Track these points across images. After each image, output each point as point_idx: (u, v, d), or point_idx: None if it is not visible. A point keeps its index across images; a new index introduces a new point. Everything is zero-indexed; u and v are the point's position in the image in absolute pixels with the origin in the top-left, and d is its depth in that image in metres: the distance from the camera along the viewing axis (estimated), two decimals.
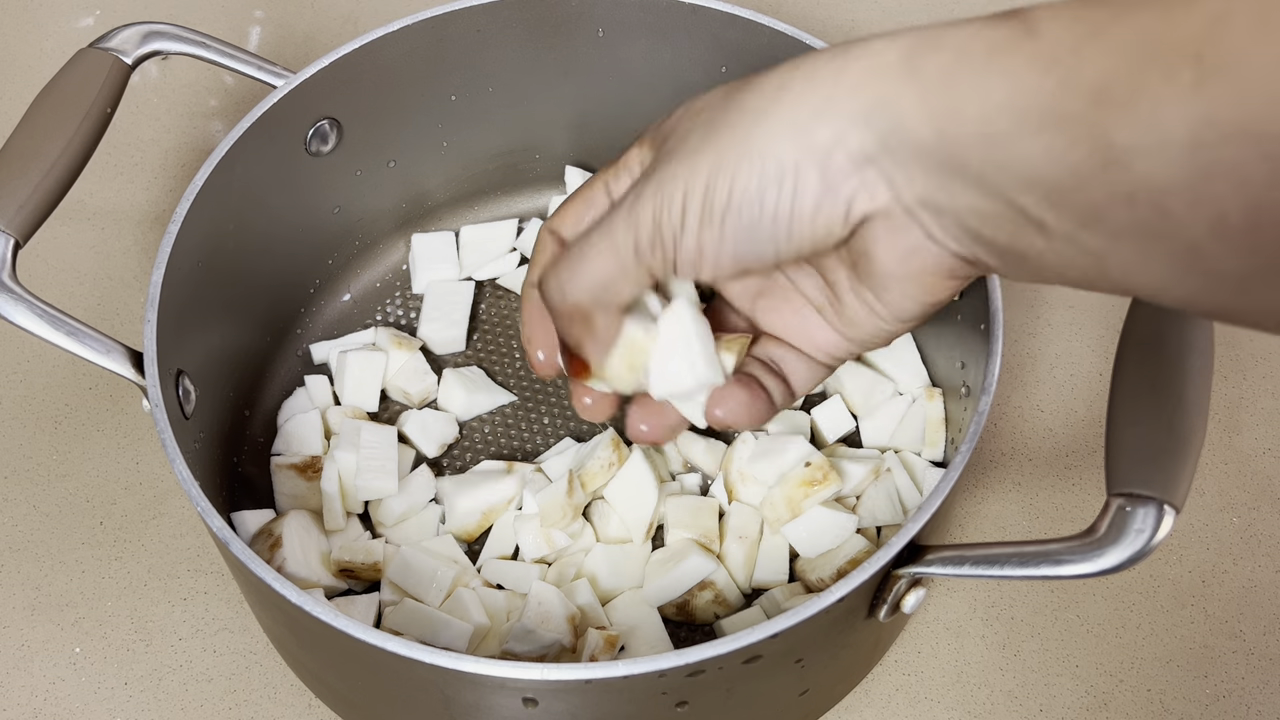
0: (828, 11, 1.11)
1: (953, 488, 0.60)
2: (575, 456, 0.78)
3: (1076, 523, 0.80)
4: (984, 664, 0.76)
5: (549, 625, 0.69)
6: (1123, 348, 0.61)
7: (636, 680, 0.55)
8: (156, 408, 0.63)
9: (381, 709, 0.67)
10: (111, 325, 0.90)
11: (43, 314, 0.64)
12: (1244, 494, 0.82)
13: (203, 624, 0.77)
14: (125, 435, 0.85)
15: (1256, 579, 0.79)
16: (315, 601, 0.56)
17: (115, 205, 0.97)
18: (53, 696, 0.74)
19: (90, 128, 0.71)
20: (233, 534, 0.59)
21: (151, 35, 0.76)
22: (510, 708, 0.58)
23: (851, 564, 0.71)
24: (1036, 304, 0.92)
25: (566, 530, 0.74)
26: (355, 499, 0.77)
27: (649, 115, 0.88)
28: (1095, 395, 0.87)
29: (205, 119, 1.03)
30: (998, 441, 0.85)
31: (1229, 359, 0.89)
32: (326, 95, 0.78)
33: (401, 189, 0.89)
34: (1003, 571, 0.56)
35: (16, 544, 0.80)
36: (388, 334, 0.84)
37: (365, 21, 1.10)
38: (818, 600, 0.56)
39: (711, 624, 0.74)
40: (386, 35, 0.78)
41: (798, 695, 0.67)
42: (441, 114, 0.85)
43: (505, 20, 0.81)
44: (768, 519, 0.74)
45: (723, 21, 0.79)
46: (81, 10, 1.12)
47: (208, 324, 0.74)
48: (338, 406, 0.82)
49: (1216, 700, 0.74)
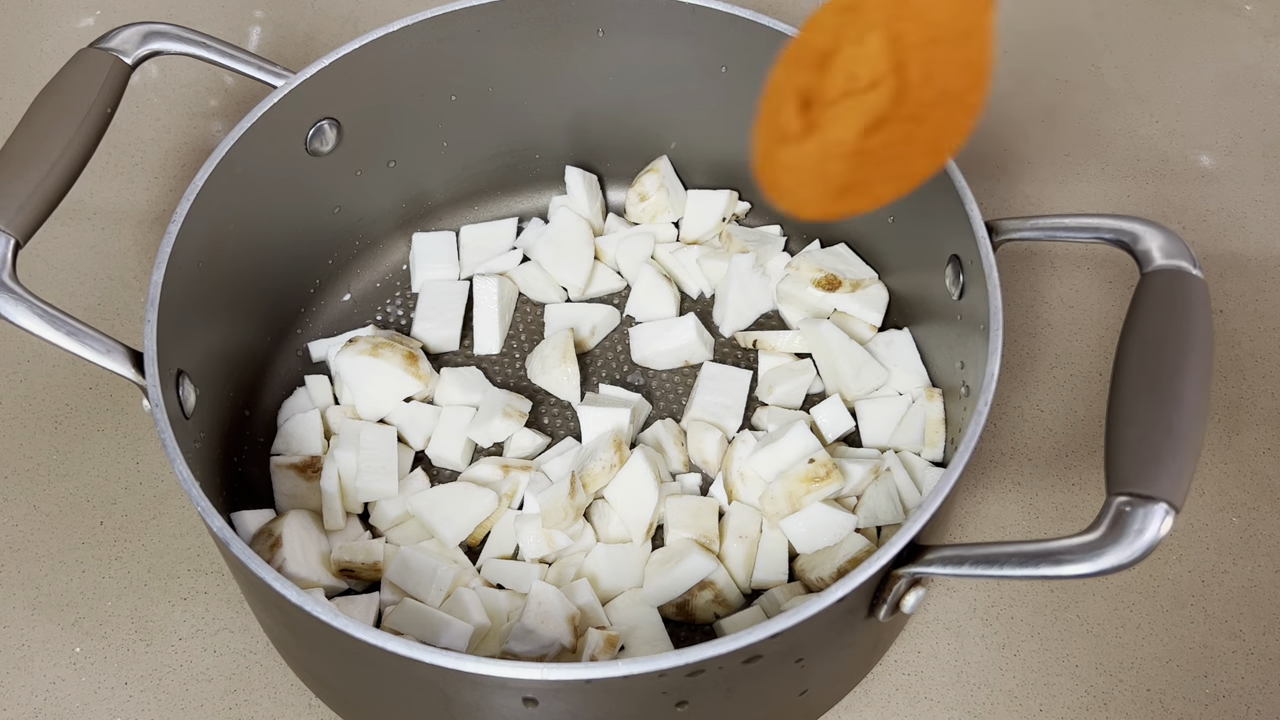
0: None
1: (952, 487, 0.60)
2: (576, 457, 0.78)
3: (1076, 523, 0.80)
4: (984, 664, 0.76)
5: (549, 625, 0.69)
6: (1123, 348, 0.61)
7: (636, 680, 0.55)
8: (156, 408, 0.63)
9: (381, 709, 0.67)
10: (111, 325, 0.90)
11: (43, 314, 0.64)
12: (1244, 494, 0.82)
13: (203, 624, 0.77)
14: (125, 435, 0.85)
15: (1256, 579, 0.79)
16: (315, 601, 0.56)
17: (115, 205, 0.97)
18: (53, 696, 0.74)
19: (90, 128, 0.71)
20: (233, 534, 0.59)
21: (151, 35, 0.76)
22: (510, 708, 0.58)
23: (851, 563, 0.71)
24: (1036, 304, 0.92)
25: (567, 531, 0.74)
26: (355, 499, 0.77)
27: (649, 115, 0.89)
28: (1095, 395, 0.87)
29: (205, 119, 1.03)
30: (998, 441, 0.85)
31: (1229, 359, 0.89)
32: (326, 95, 0.78)
33: (401, 189, 0.89)
34: (1003, 571, 0.56)
35: (16, 544, 0.80)
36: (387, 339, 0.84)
37: (365, 21, 1.10)
38: (818, 600, 0.56)
39: (711, 624, 0.74)
40: (386, 35, 0.78)
41: (798, 695, 0.67)
42: (441, 114, 0.85)
43: (505, 20, 0.81)
44: (766, 513, 0.74)
45: (723, 21, 0.79)
46: (81, 10, 1.12)
47: (208, 324, 0.74)
48: (337, 406, 0.82)
49: (1216, 700, 0.74)
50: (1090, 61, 1.08)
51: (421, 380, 0.80)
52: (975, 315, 0.70)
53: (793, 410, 0.82)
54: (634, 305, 0.88)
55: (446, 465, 0.81)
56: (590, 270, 0.88)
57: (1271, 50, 1.09)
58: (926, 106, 0.55)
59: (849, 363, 0.80)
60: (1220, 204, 0.98)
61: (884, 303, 0.84)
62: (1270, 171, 1.00)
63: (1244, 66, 1.07)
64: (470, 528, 0.75)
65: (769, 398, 0.82)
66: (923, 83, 0.54)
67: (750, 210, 0.92)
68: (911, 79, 0.54)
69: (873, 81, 0.54)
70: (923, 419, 0.78)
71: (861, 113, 0.54)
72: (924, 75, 0.54)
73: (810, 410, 0.81)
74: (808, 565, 0.74)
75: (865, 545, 0.72)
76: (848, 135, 0.54)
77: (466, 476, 0.79)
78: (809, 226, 0.89)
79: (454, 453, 0.80)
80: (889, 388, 0.82)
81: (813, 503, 0.73)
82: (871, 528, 0.75)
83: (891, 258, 0.84)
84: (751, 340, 0.86)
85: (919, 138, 0.55)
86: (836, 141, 0.55)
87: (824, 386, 0.83)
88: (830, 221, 0.79)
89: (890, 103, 0.54)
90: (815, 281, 0.83)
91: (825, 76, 0.54)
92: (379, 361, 0.79)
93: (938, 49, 0.54)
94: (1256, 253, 0.95)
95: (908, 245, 0.81)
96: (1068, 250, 0.95)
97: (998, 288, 0.67)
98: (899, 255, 0.83)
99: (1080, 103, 1.05)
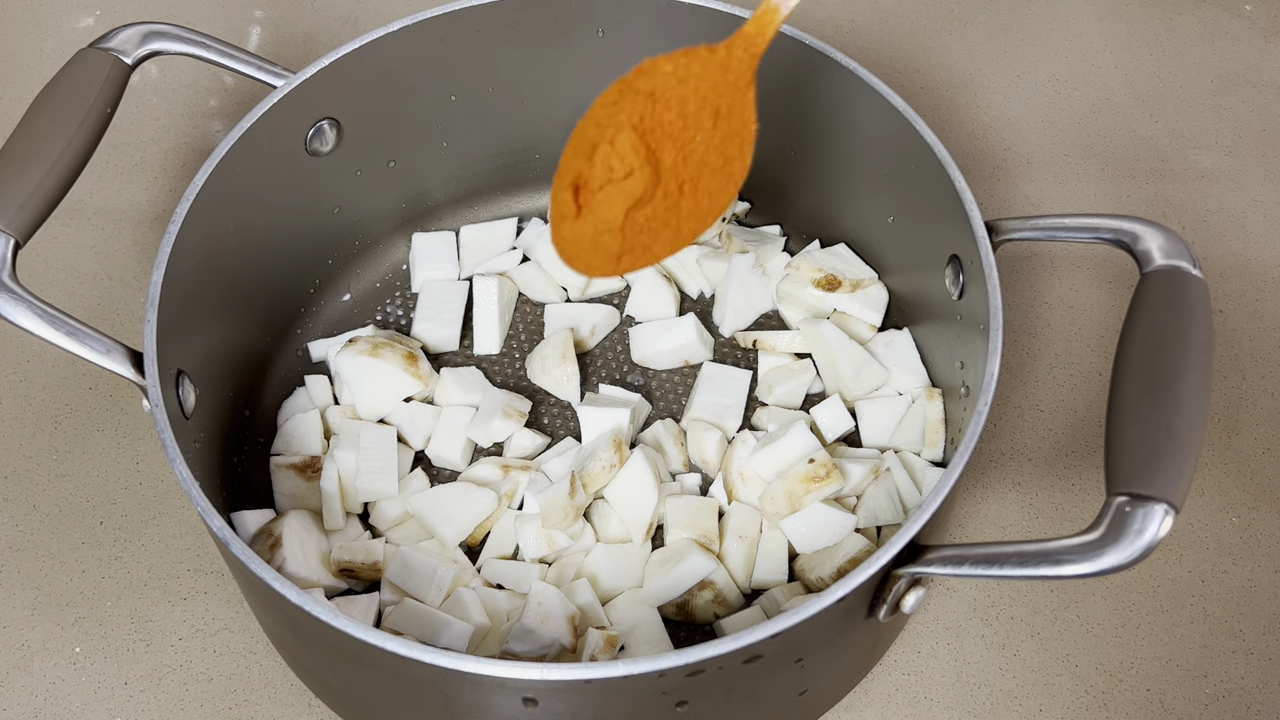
0: (828, 11, 1.11)
1: (952, 487, 0.60)
2: (576, 457, 0.78)
3: (1076, 523, 0.80)
4: (984, 664, 0.76)
5: (549, 625, 0.69)
6: (1123, 348, 0.61)
7: (636, 680, 0.55)
8: (156, 408, 0.63)
9: (381, 709, 0.67)
10: (111, 325, 0.90)
11: (43, 314, 0.64)
12: (1244, 494, 0.82)
13: (203, 624, 0.77)
14: (125, 435, 0.85)
15: (1256, 579, 0.79)
16: (315, 601, 0.56)
17: (115, 205, 0.97)
18: (53, 696, 0.74)
19: (90, 128, 0.71)
20: (233, 534, 0.59)
21: (151, 35, 0.76)
22: (510, 708, 0.58)
23: (851, 563, 0.71)
24: (1036, 304, 0.92)
25: (567, 531, 0.74)
26: (355, 499, 0.77)
27: None
28: (1095, 395, 0.87)
29: (205, 119, 1.03)
30: (998, 441, 0.85)
31: (1229, 359, 0.89)
32: (326, 95, 0.78)
33: (401, 189, 0.89)
34: (1003, 571, 0.56)
35: (16, 544, 0.80)
36: (387, 339, 0.84)
37: (365, 21, 1.10)
38: (818, 600, 0.56)
39: (711, 624, 0.74)
40: (386, 35, 0.78)
41: (798, 695, 0.67)
42: (441, 114, 0.85)
43: (505, 20, 0.81)
44: (766, 512, 0.74)
45: (723, 21, 0.79)
46: (81, 10, 1.12)
47: (208, 324, 0.74)
48: (337, 406, 0.82)
49: (1216, 700, 0.74)
50: (1090, 61, 1.08)
51: (421, 380, 0.80)
52: (975, 315, 0.70)
53: (793, 410, 0.82)
54: (634, 305, 0.88)
55: (446, 465, 0.81)
56: None
57: (1271, 50, 1.09)
58: (688, 181, 0.62)
59: (849, 363, 0.80)
60: (1220, 204, 0.98)
61: (884, 303, 0.84)
62: (1270, 171, 1.00)
63: (1244, 66, 1.07)
64: (470, 528, 0.75)
65: (769, 398, 0.82)
66: (680, 164, 0.62)
67: (750, 210, 0.92)
68: (666, 163, 0.62)
69: (628, 172, 0.61)
70: (923, 419, 0.78)
71: (622, 197, 0.62)
72: (680, 158, 0.62)
73: (810, 410, 0.81)
74: (808, 565, 0.74)
75: (865, 545, 0.72)
76: (614, 215, 0.62)
77: (466, 476, 0.79)
78: (809, 226, 0.89)
79: (454, 453, 0.80)
80: (889, 388, 0.82)
81: (813, 503, 0.73)
82: (871, 528, 0.75)
83: (891, 258, 0.84)
84: (751, 340, 0.86)
85: (684, 207, 0.63)
86: (605, 220, 0.62)
87: (824, 386, 0.84)
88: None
89: (647, 188, 0.62)
90: (815, 281, 0.83)
91: (592, 166, 0.62)
92: (379, 361, 0.79)
93: (693, 133, 0.62)
94: (1256, 253, 0.95)
95: (908, 245, 0.81)
96: (1068, 250, 0.95)
97: (998, 288, 0.67)
98: (899, 255, 0.83)
99: (1080, 103, 1.05)
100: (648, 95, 0.61)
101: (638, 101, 0.61)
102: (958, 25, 1.11)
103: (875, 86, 0.75)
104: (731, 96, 0.62)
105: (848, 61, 0.77)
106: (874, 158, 0.79)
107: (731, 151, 0.62)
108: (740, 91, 0.62)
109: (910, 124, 0.74)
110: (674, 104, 0.61)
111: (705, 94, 0.61)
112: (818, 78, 0.78)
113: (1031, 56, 1.08)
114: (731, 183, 0.63)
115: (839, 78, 0.77)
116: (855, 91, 0.77)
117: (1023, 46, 1.09)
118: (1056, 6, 1.12)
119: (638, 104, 0.61)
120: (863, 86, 0.76)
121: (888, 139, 0.76)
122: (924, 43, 1.09)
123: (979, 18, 1.12)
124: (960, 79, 1.06)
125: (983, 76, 1.07)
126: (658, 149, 0.62)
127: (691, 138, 0.62)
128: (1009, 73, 1.07)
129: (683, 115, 0.62)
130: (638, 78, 0.61)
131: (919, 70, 1.07)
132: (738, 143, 0.62)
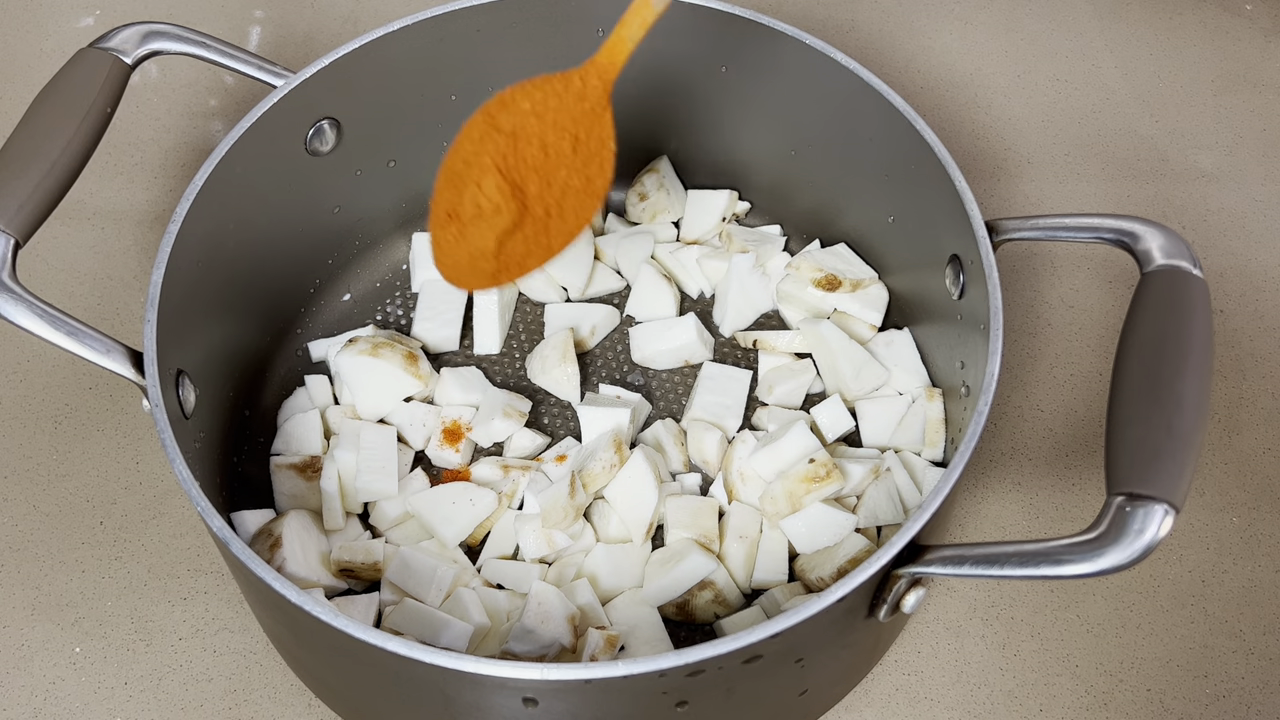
0: (828, 11, 1.11)
1: (952, 487, 0.60)
2: (576, 457, 0.78)
3: (1076, 523, 0.80)
4: (984, 664, 0.76)
5: (549, 625, 0.69)
6: (1123, 348, 0.61)
7: (636, 680, 0.55)
8: (156, 408, 0.63)
9: (381, 709, 0.67)
10: (111, 325, 0.90)
11: (43, 314, 0.64)
12: (1244, 494, 0.82)
13: (203, 624, 0.77)
14: (125, 435, 0.85)
15: (1256, 579, 0.79)
16: (315, 601, 0.56)
17: (115, 205, 0.97)
18: (53, 696, 0.74)
19: (90, 128, 0.71)
20: (233, 534, 0.59)
21: (151, 35, 0.76)
22: (510, 708, 0.58)
23: (852, 563, 0.71)
24: (1036, 304, 0.92)
25: (567, 531, 0.74)
26: (355, 499, 0.77)
27: (649, 115, 0.89)
28: (1095, 395, 0.87)
29: (205, 119, 1.03)
30: (998, 441, 0.85)
31: (1229, 359, 0.89)
32: (326, 95, 0.78)
33: (401, 189, 0.89)
34: (1003, 571, 0.56)
35: (16, 544, 0.80)
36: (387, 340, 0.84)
37: (365, 21, 1.10)
38: (818, 600, 0.56)
39: (711, 624, 0.74)
40: (386, 35, 0.78)
41: (798, 695, 0.67)
42: (441, 114, 0.85)
43: (505, 20, 0.81)
44: (766, 512, 0.74)
45: (723, 21, 0.79)
46: (81, 10, 1.12)
47: (208, 324, 0.74)
48: (337, 406, 0.82)
49: (1216, 700, 0.74)
50: (1090, 61, 1.08)
51: (421, 380, 0.80)
52: (975, 315, 0.70)
53: (793, 410, 0.82)
54: (634, 305, 0.88)
55: (446, 465, 0.81)
56: (590, 270, 0.88)
57: (1272, 50, 1.09)
58: (553, 205, 0.67)
59: (849, 363, 0.80)
60: (1220, 204, 0.98)
61: (884, 303, 0.84)
62: (1270, 171, 1.00)
63: (1244, 66, 1.07)
64: (470, 528, 0.75)
65: (769, 398, 0.82)
66: (545, 191, 0.67)
67: (750, 210, 0.92)
68: (531, 194, 0.66)
69: (495, 210, 0.66)
70: (923, 419, 0.78)
71: (493, 229, 0.66)
72: (544, 186, 0.67)
73: (810, 410, 0.81)
74: (808, 565, 0.74)
75: (865, 545, 0.72)
76: (486, 245, 0.67)
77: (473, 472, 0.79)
78: (809, 226, 0.89)
79: (454, 453, 0.80)
80: (889, 388, 0.82)
81: (813, 503, 0.73)
82: (871, 528, 0.75)
83: (891, 258, 0.84)
84: (751, 340, 0.86)
85: (552, 228, 0.68)
86: (479, 249, 0.67)
87: (824, 386, 0.83)
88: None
89: (514, 220, 0.66)
90: (815, 281, 0.83)
91: (462, 203, 0.67)
92: (379, 361, 0.79)
93: (554, 163, 0.66)
94: (1256, 253, 0.95)
95: (908, 245, 0.81)
96: (1068, 250, 0.95)
97: (998, 288, 0.67)
98: (899, 255, 0.83)
99: (1080, 103, 1.05)
100: (509, 135, 0.66)
101: (499, 141, 0.66)
102: (958, 25, 1.11)
103: (875, 86, 0.75)
104: (589, 122, 0.66)
105: (848, 61, 0.77)
106: (874, 158, 0.79)
107: (592, 171, 0.67)
108: (597, 116, 0.66)
109: (910, 124, 0.74)
110: (534, 139, 0.66)
111: (564, 125, 0.66)
112: (818, 78, 0.78)
113: (1032, 56, 1.08)
114: (595, 198, 0.68)
115: (839, 78, 0.77)
116: (855, 91, 0.77)
117: (1023, 46, 1.09)
118: (1056, 6, 1.12)
119: (499, 144, 0.66)
120: (863, 86, 0.76)
121: (888, 139, 0.76)
122: (924, 43, 1.09)
123: (979, 17, 1.12)
124: (960, 79, 1.06)
125: (983, 76, 1.07)
126: (522, 183, 0.66)
127: (554, 168, 0.67)
128: (1009, 73, 1.07)
129: (543, 148, 0.66)
130: (500, 112, 0.66)
131: (919, 70, 1.07)
132: (598, 163, 0.67)
